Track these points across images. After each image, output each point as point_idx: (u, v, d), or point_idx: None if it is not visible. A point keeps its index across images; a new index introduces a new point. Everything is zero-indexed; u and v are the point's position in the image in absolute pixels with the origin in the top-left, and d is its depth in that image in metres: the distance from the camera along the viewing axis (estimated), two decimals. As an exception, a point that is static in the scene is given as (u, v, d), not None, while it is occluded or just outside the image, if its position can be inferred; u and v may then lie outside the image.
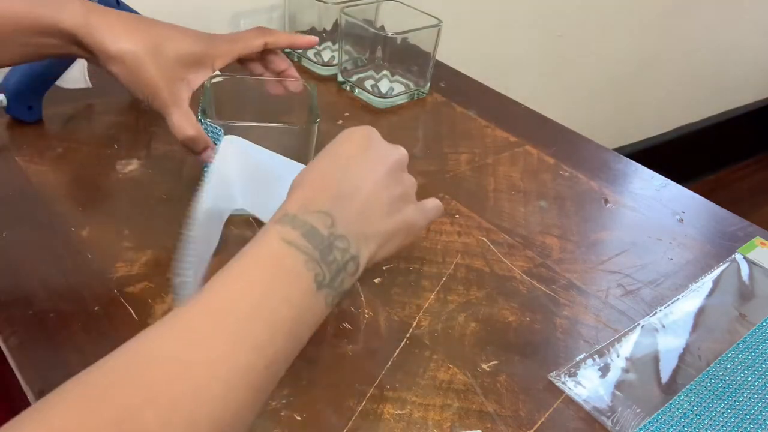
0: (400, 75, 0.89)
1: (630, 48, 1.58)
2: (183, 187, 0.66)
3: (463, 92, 0.91)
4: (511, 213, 0.68)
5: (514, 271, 0.60)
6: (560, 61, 1.46)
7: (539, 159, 0.78)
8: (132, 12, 0.74)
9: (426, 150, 0.77)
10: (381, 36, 0.86)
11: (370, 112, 0.84)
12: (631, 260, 0.63)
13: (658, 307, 0.58)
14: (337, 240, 0.40)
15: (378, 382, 0.49)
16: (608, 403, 0.48)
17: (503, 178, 0.73)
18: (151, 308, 0.53)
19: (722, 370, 0.52)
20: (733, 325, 0.57)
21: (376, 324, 0.54)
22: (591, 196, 0.72)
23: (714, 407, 0.48)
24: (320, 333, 0.52)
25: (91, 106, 0.77)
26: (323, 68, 0.92)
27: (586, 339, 0.54)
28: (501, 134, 0.82)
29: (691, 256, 0.64)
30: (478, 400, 0.48)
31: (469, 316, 0.55)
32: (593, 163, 0.78)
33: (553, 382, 0.50)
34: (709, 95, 1.90)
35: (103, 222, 0.61)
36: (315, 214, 0.40)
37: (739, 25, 1.80)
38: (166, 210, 0.63)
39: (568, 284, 0.60)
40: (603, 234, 0.66)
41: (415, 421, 0.46)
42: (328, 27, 0.93)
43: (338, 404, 0.47)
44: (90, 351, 0.49)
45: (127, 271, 0.56)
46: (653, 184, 0.75)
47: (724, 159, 2.08)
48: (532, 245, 0.64)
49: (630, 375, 0.51)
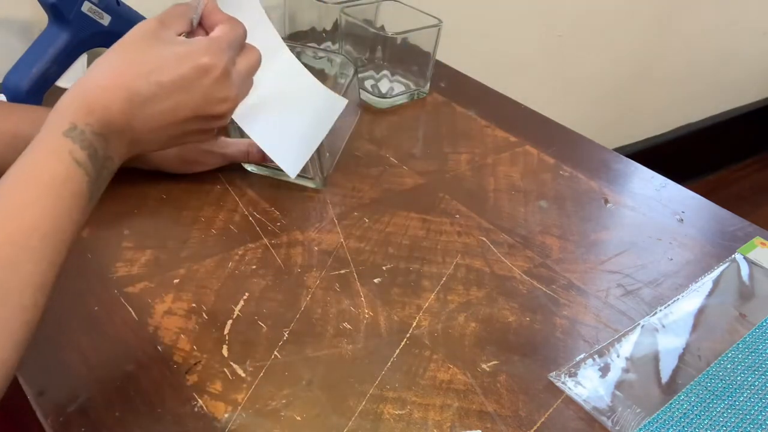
0: (400, 75, 0.89)
1: (630, 48, 1.58)
2: (183, 187, 0.66)
3: (463, 92, 0.91)
4: (511, 213, 0.68)
5: (514, 271, 0.60)
6: (560, 61, 1.45)
7: (539, 159, 0.78)
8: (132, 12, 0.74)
9: (426, 150, 0.77)
10: (381, 36, 0.86)
11: (370, 112, 0.84)
12: (631, 260, 0.63)
13: (658, 307, 0.58)
14: (107, 161, 0.43)
15: (378, 382, 0.49)
16: (608, 403, 0.48)
17: (503, 178, 0.73)
18: (151, 308, 0.53)
19: (722, 370, 0.52)
20: (733, 325, 0.57)
21: (376, 324, 0.54)
22: (591, 196, 0.72)
23: (714, 407, 0.48)
24: (320, 333, 0.52)
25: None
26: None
27: (586, 339, 0.54)
28: (501, 134, 0.82)
29: (691, 256, 0.64)
30: (478, 400, 0.48)
31: (469, 316, 0.55)
32: (593, 163, 0.78)
33: (553, 382, 0.50)
34: (709, 95, 1.89)
35: (103, 222, 0.61)
36: (96, 135, 0.42)
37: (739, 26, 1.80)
38: (166, 210, 0.63)
39: (568, 284, 0.60)
40: (603, 234, 0.66)
41: (415, 421, 0.46)
42: (328, 27, 0.93)
43: (338, 404, 0.47)
44: (90, 351, 0.49)
45: (127, 271, 0.56)
46: (653, 184, 0.75)
47: (724, 159, 2.08)
48: (532, 245, 0.64)
49: (630, 375, 0.51)
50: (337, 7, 0.88)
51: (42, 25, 0.69)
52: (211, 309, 0.53)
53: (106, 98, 0.42)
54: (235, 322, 0.52)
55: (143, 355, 0.50)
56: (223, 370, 0.49)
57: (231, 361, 0.49)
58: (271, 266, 0.58)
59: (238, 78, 0.47)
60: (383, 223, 0.64)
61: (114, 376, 0.48)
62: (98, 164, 0.42)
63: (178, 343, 0.50)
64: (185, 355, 0.49)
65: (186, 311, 0.53)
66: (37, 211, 0.39)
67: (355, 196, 0.68)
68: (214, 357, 0.49)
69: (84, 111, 0.42)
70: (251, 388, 0.47)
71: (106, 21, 0.71)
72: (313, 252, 0.60)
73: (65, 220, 0.40)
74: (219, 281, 0.56)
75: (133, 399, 0.46)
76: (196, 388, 0.47)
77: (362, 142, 0.77)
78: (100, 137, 0.42)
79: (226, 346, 0.50)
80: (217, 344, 0.50)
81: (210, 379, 0.48)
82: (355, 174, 0.71)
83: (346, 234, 0.63)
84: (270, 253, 0.60)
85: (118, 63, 0.44)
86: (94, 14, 0.69)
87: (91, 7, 0.69)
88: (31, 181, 0.40)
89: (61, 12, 0.67)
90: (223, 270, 0.57)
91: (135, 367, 0.49)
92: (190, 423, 0.45)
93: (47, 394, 0.46)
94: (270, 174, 0.69)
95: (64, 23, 0.68)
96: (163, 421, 0.45)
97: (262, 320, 0.53)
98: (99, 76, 0.44)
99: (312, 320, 0.53)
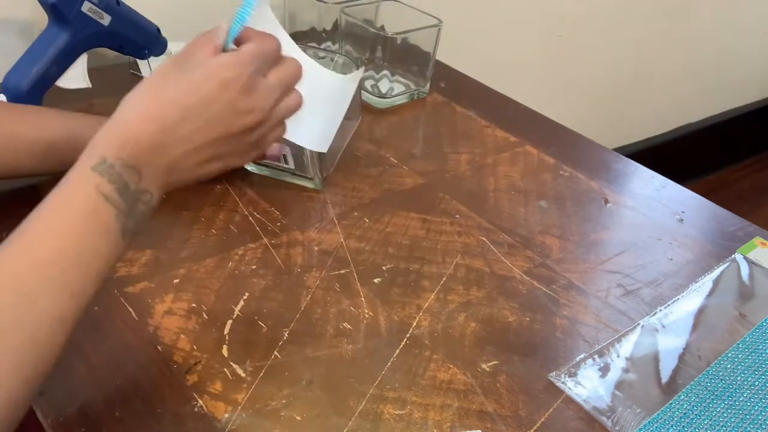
0: (400, 75, 0.89)
1: (630, 48, 1.58)
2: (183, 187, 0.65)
3: (463, 92, 0.91)
4: (511, 213, 0.68)
5: (514, 271, 0.60)
6: (560, 61, 1.45)
7: (539, 159, 0.78)
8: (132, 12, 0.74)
9: (426, 150, 0.77)
10: (381, 36, 0.86)
11: (370, 112, 0.84)
12: (631, 260, 0.63)
13: (658, 307, 0.58)
14: (143, 194, 0.43)
15: (378, 382, 0.49)
16: (608, 403, 0.48)
17: (503, 178, 0.73)
18: (151, 308, 0.53)
19: (722, 370, 0.52)
20: (733, 325, 0.57)
21: (376, 324, 0.54)
22: (591, 196, 0.72)
23: (714, 407, 0.48)
24: (320, 333, 0.52)
25: (91, 106, 0.77)
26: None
27: (586, 339, 0.54)
28: (501, 134, 0.82)
29: (691, 256, 0.64)
30: (478, 400, 0.48)
31: (469, 316, 0.55)
32: (593, 163, 0.78)
33: (553, 382, 0.50)
34: (709, 95, 1.90)
35: (103, 222, 0.61)
36: (127, 169, 0.42)
37: (739, 26, 1.80)
38: (166, 210, 0.63)
39: (568, 284, 0.60)
40: (603, 234, 0.66)
41: (415, 421, 0.46)
42: (328, 27, 0.93)
43: (338, 404, 0.47)
44: (90, 351, 0.49)
45: (127, 271, 0.56)
46: (653, 184, 0.75)
47: (724, 159, 2.08)
48: (532, 245, 0.64)
49: (630, 375, 0.51)
50: (337, 7, 0.88)
51: (42, 25, 0.69)
52: (211, 309, 0.53)
53: (137, 130, 0.43)
54: (235, 322, 0.52)
55: (143, 355, 0.50)
56: (223, 370, 0.49)
57: (231, 361, 0.49)
58: (271, 266, 0.58)
59: (268, 89, 0.47)
60: (383, 223, 0.64)
61: (114, 376, 0.48)
62: (130, 198, 0.42)
63: (178, 343, 0.50)
64: (185, 355, 0.49)
65: (186, 311, 0.53)
66: (60, 243, 0.39)
67: (355, 196, 0.68)
68: (214, 357, 0.49)
69: (115, 145, 0.42)
70: (251, 388, 0.47)
71: (106, 21, 0.71)
72: (313, 252, 0.60)
73: (90, 254, 0.40)
74: (219, 281, 0.56)
75: (133, 399, 0.46)
76: (196, 388, 0.47)
77: (362, 142, 0.77)
78: (131, 170, 0.42)
79: (226, 346, 0.50)
80: (217, 344, 0.50)
81: (210, 379, 0.48)
82: (355, 174, 0.71)
83: (346, 234, 0.63)
84: (270, 253, 0.60)
85: (147, 95, 0.44)
86: (94, 14, 0.69)
87: (91, 7, 0.69)
88: (57, 213, 0.40)
89: (61, 12, 0.67)
90: (223, 270, 0.57)
91: (135, 367, 0.49)
92: (190, 423, 0.45)
93: (47, 394, 0.46)
94: (270, 174, 0.69)
95: (64, 23, 0.68)
96: (163, 421, 0.45)
97: (262, 320, 0.53)
98: (129, 110, 0.44)
99: (312, 320, 0.53)
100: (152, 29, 0.77)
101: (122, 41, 0.74)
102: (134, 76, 0.84)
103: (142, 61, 0.81)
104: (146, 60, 0.80)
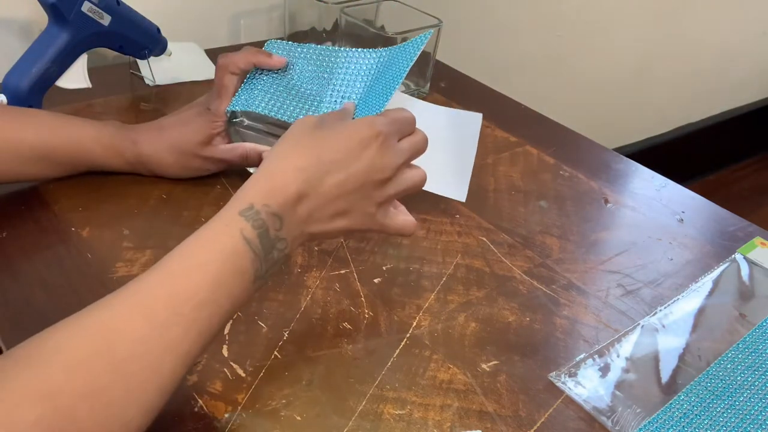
0: (400, 75, 0.89)
1: (630, 48, 1.58)
2: (183, 187, 0.66)
3: (463, 92, 0.91)
4: (511, 213, 0.68)
5: (514, 271, 0.60)
6: (560, 61, 1.45)
7: (539, 159, 0.78)
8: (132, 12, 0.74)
9: (426, 150, 0.77)
10: (381, 36, 0.86)
11: (370, 112, 0.84)
12: (631, 260, 0.63)
13: (658, 307, 0.58)
14: (279, 242, 0.44)
15: (378, 382, 0.49)
16: (608, 403, 0.48)
17: (503, 178, 0.73)
18: (151, 308, 0.53)
19: (722, 370, 0.52)
20: (733, 325, 0.57)
21: (376, 324, 0.54)
22: (591, 196, 0.72)
23: (714, 407, 0.48)
24: (320, 333, 0.52)
25: (91, 106, 0.77)
26: None
27: (586, 339, 0.54)
28: (501, 134, 0.82)
29: (691, 256, 0.64)
30: (478, 400, 0.48)
31: (469, 316, 0.55)
32: (593, 163, 0.78)
33: (553, 382, 0.50)
34: (709, 95, 1.90)
35: (103, 222, 0.61)
36: (272, 216, 0.44)
37: (739, 25, 1.80)
38: (166, 210, 0.63)
39: (568, 284, 0.60)
40: (603, 234, 0.66)
41: (415, 421, 0.46)
42: (328, 27, 0.93)
43: (338, 404, 0.47)
44: (90, 351, 0.49)
45: (127, 271, 0.56)
46: (653, 184, 0.75)
47: (724, 159, 2.08)
48: (532, 245, 0.64)
49: (630, 375, 0.51)
50: (337, 7, 0.88)
51: (42, 25, 0.69)
52: (211, 309, 0.53)
53: (286, 179, 0.45)
54: (235, 322, 0.52)
55: (143, 355, 0.49)
56: (223, 370, 0.49)
57: (231, 361, 0.49)
58: (271, 266, 0.58)
59: (399, 151, 0.49)
60: (383, 223, 0.64)
61: (114, 376, 0.48)
62: (268, 244, 0.43)
63: (178, 343, 0.50)
64: (185, 355, 0.49)
65: (186, 311, 0.53)
66: (197, 278, 0.40)
67: (355, 196, 0.68)
68: (214, 357, 0.49)
69: (264, 193, 0.44)
70: (251, 388, 0.47)
71: (106, 21, 0.71)
72: (313, 252, 0.60)
73: (223, 294, 0.41)
74: (219, 281, 0.56)
75: (133, 399, 0.46)
76: (196, 388, 0.47)
77: (362, 142, 0.76)
78: (275, 217, 0.44)
79: (226, 346, 0.50)
80: (217, 344, 0.50)
81: (210, 379, 0.48)
82: (355, 174, 0.71)
83: (346, 234, 0.63)
84: (270, 253, 0.60)
85: (296, 150, 0.47)
86: (94, 14, 0.69)
87: (91, 7, 0.69)
88: (199, 250, 0.42)
89: (61, 12, 0.67)
90: (223, 270, 0.57)
91: (135, 367, 0.49)
92: (190, 423, 0.45)
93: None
94: None
95: (64, 23, 0.68)
96: (163, 421, 0.45)
97: (262, 320, 0.53)
98: (279, 161, 0.46)
99: (312, 320, 0.53)
100: (152, 29, 0.77)
101: (122, 41, 0.74)
102: (134, 76, 0.84)
103: (142, 61, 0.81)
104: (146, 60, 0.80)
